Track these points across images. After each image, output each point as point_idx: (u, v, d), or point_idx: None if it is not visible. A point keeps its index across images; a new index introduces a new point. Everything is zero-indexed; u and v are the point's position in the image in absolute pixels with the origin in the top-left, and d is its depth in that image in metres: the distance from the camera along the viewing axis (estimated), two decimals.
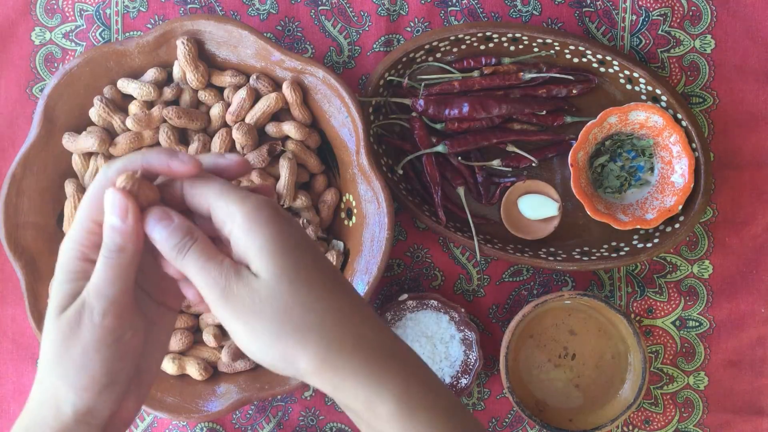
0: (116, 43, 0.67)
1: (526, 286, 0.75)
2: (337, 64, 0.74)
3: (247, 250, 0.38)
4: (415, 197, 0.73)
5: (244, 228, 0.38)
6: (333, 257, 0.68)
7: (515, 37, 0.71)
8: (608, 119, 0.70)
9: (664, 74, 0.74)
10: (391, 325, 0.70)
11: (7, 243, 0.65)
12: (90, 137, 0.66)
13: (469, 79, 0.72)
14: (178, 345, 0.68)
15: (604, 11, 0.74)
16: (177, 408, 0.66)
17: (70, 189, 0.67)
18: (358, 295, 0.41)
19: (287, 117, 0.69)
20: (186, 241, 0.39)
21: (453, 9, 0.74)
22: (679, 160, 0.70)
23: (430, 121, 0.73)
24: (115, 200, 0.39)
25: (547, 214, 0.72)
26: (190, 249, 0.39)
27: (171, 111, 0.66)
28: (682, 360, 0.75)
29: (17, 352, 0.74)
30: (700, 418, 0.74)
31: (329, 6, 0.74)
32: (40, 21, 0.74)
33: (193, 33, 0.66)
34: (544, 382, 0.72)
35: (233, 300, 0.38)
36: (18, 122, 0.74)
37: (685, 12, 0.74)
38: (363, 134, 0.65)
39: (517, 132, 0.73)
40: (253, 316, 0.38)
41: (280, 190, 0.67)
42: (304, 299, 0.38)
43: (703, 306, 0.74)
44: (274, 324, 0.38)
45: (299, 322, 0.38)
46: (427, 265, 0.75)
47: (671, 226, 0.71)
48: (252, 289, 0.38)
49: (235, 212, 0.38)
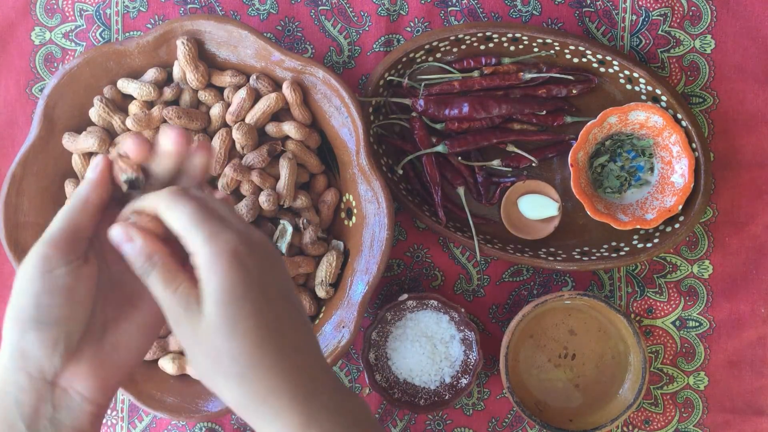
0: (116, 43, 0.67)
1: (526, 286, 0.75)
2: (337, 64, 0.74)
3: (202, 289, 0.41)
4: (415, 197, 0.73)
5: (204, 268, 0.41)
6: (333, 257, 0.68)
7: (515, 37, 0.71)
8: (608, 119, 0.70)
9: (664, 74, 0.74)
10: (391, 324, 0.70)
11: (7, 243, 0.65)
12: (90, 137, 0.66)
13: (469, 79, 0.72)
14: (178, 345, 0.68)
15: (604, 11, 0.74)
16: (176, 408, 0.66)
17: (70, 189, 0.67)
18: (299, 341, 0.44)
19: (287, 117, 0.69)
20: (146, 266, 0.42)
21: (453, 9, 0.74)
22: (679, 160, 0.70)
23: (430, 121, 0.73)
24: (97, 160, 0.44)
25: (547, 214, 0.72)
26: (150, 273, 0.42)
27: (171, 111, 0.66)
28: (682, 360, 0.75)
29: None
30: (700, 418, 0.74)
31: (329, 6, 0.74)
32: (40, 21, 0.74)
33: (193, 33, 0.66)
34: (544, 382, 0.72)
35: (182, 327, 0.41)
36: (18, 122, 0.74)
37: (685, 12, 0.74)
38: (363, 134, 0.65)
39: (517, 132, 0.73)
40: (195, 347, 0.41)
41: (280, 191, 0.67)
42: (234, 351, 0.41)
43: (703, 306, 0.74)
44: (207, 361, 0.41)
45: (226, 370, 0.41)
46: (427, 265, 0.75)
47: (671, 226, 0.71)
48: (194, 325, 0.41)
49: (198, 251, 0.41)
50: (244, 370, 0.41)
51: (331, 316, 0.67)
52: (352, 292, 0.66)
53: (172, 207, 0.42)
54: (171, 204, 0.42)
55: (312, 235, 0.68)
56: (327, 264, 0.68)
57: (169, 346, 0.68)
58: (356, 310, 0.65)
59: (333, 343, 0.65)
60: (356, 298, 0.66)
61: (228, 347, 0.41)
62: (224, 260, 0.40)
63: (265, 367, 0.41)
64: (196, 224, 0.41)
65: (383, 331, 0.71)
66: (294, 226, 0.68)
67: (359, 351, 0.73)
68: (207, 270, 0.40)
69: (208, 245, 0.40)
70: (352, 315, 0.65)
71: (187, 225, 0.41)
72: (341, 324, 0.66)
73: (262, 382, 0.41)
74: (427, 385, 0.70)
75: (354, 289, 0.66)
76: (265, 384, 0.41)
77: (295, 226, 0.69)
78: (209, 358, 0.41)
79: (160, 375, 0.68)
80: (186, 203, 0.42)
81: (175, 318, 0.42)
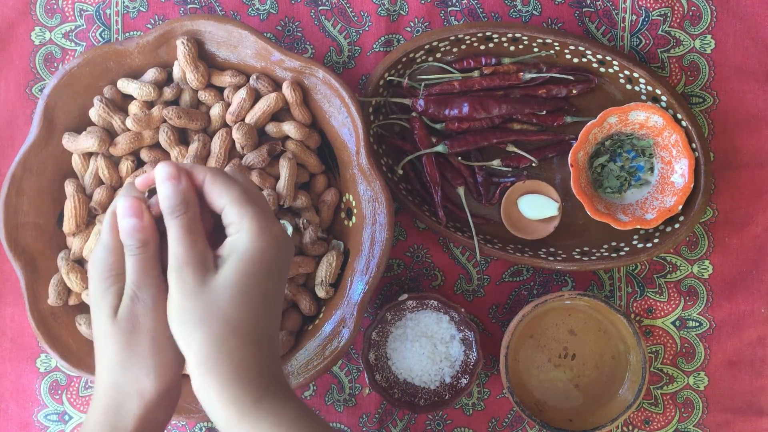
0: (116, 43, 0.67)
1: (526, 286, 0.75)
2: (337, 64, 0.74)
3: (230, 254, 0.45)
4: (415, 197, 0.73)
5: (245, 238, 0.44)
6: (333, 257, 0.68)
7: (515, 37, 0.71)
8: (608, 119, 0.70)
9: (664, 74, 0.74)
10: (391, 325, 0.70)
11: (7, 243, 0.65)
12: (90, 137, 0.66)
13: (469, 79, 0.72)
14: None
15: (604, 11, 0.74)
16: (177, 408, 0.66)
17: (70, 189, 0.67)
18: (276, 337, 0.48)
19: (287, 117, 0.69)
20: (179, 207, 0.45)
21: (453, 9, 0.74)
22: (679, 160, 0.70)
23: (430, 121, 0.73)
24: (128, 204, 0.46)
25: (547, 214, 0.72)
26: (178, 216, 0.45)
27: (171, 111, 0.66)
28: (682, 360, 0.75)
29: (16, 352, 0.73)
30: (700, 418, 0.74)
31: (329, 6, 0.74)
32: (40, 21, 0.74)
33: (193, 33, 0.66)
34: (544, 382, 0.72)
35: (185, 274, 0.44)
36: (18, 122, 0.74)
37: (685, 12, 0.74)
38: (363, 134, 0.65)
39: (517, 132, 0.73)
40: (189, 297, 0.44)
41: (280, 191, 0.67)
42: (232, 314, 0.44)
43: (703, 306, 0.74)
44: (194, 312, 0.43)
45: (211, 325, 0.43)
46: (427, 265, 0.75)
47: (671, 226, 0.71)
48: (201, 278, 0.44)
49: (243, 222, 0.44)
50: (229, 334, 0.44)
51: (331, 316, 0.67)
52: (352, 292, 0.66)
53: (220, 181, 0.46)
54: (220, 178, 0.46)
55: (312, 235, 0.68)
56: (327, 264, 0.68)
57: None
58: (356, 310, 0.65)
59: (333, 343, 0.65)
60: (356, 298, 0.66)
61: (228, 308, 0.43)
62: (268, 238, 0.45)
63: (250, 339, 0.44)
64: (247, 202, 0.45)
65: (383, 331, 0.71)
66: (294, 226, 0.68)
67: (359, 351, 0.73)
68: (250, 239, 0.44)
69: (257, 221, 0.44)
70: (351, 315, 0.65)
71: (237, 199, 0.45)
72: (341, 324, 0.66)
73: (241, 350, 0.44)
74: (427, 385, 0.70)
75: (354, 289, 0.66)
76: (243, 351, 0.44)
77: (295, 226, 0.69)
78: (200, 311, 0.43)
79: None
80: (234, 182, 0.46)
81: (182, 263, 0.44)
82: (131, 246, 0.46)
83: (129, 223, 0.46)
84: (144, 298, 0.45)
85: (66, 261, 0.67)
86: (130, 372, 0.45)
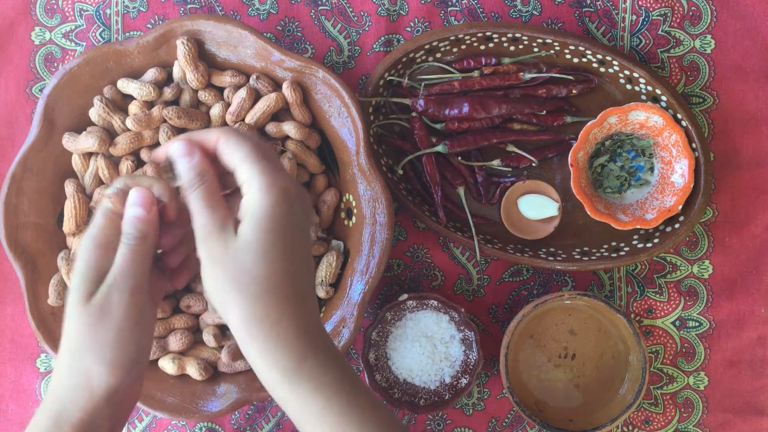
0: (116, 43, 0.67)
1: (526, 286, 0.75)
2: (337, 64, 0.74)
3: (246, 213, 0.44)
4: (415, 197, 0.73)
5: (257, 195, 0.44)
6: (333, 257, 0.68)
7: (515, 37, 0.71)
8: (608, 119, 0.70)
9: (664, 74, 0.74)
10: (391, 325, 0.70)
11: (7, 243, 0.65)
12: (90, 137, 0.66)
13: (469, 79, 0.72)
14: (178, 345, 0.68)
15: (604, 11, 0.74)
16: (176, 408, 0.66)
17: (70, 189, 0.67)
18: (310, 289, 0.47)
19: (287, 117, 0.69)
20: (196, 180, 0.45)
21: (453, 9, 0.74)
22: (679, 160, 0.70)
23: (430, 121, 0.73)
24: (142, 194, 0.47)
25: (547, 214, 0.72)
26: (196, 189, 0.45)
27: (171, 111, 0.66)
28: (682, 360, 0.75)
29: (15, 352, 0.73)
30: (700, 418, 0.74)
31: (329, 6, 0.74)
32: (40, 21, 0.74)
33: (193, 33, 0.66)
34: (544, 382, 0.72)
35: (210, 242, 0.44)
36: (18, 122, 0.74)
37: (685, 12, 0.74)
38: (363, 134, 0.65)
39: (517, 132, 0.73)
40: (217, 264, 0.44)
41: None
42: (259, 272, 0.44)
43: (703, 306, 0.74)
44: (226, 278, 0.44)
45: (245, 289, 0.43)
46: (427, 265, 0.75)
47: (671, 226, 0.71)
48: (225, 242, 0.44)
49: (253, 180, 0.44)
50: (262, 292, 0.44)
51: (331, 316, 0.67)
52: (352, 292, 0.66)
53: (232, 141, 0.46)
54: (231, 138, 0.46)
55: (312, 236, 0.68)
56: (327, 264, 0.68)
57: (169, 346, 0.68)
58: (356, 310, 0.65)
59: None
60: (356, 298, 0.66)
61: (253, 267, 0.43)
62: (277, 192, 0.44)
63: (283, 295, 0.44)
64: (256, 159, 0.45)
65: (383, 331, 0.71)
66: None
67: (359, 351, 0.73)
68: (259, 197, 0.44)
69: (265, 176, 0.44)
70: (351, 315, 0.65)
71: (247, 157, 0.45)
72: (341, 324, 0.66)
73: (276, 307, 0.44)
74: (427, 385, 0.70)
75: (354, 289, 0.66)
76: (278, 309, 0.44)
77: None
78: (229, 275, 0.43)
79: (160, 375, 0.68)
80: (246, 139, 0.46)
81: (206, 233, 0.44)
82: (129, 234, 0.46)
83: (135, 212, 0.46)
84: (122, 287, 0.45)
85: (66, 261, 0.67)
86: (86, 357, 0.45)
